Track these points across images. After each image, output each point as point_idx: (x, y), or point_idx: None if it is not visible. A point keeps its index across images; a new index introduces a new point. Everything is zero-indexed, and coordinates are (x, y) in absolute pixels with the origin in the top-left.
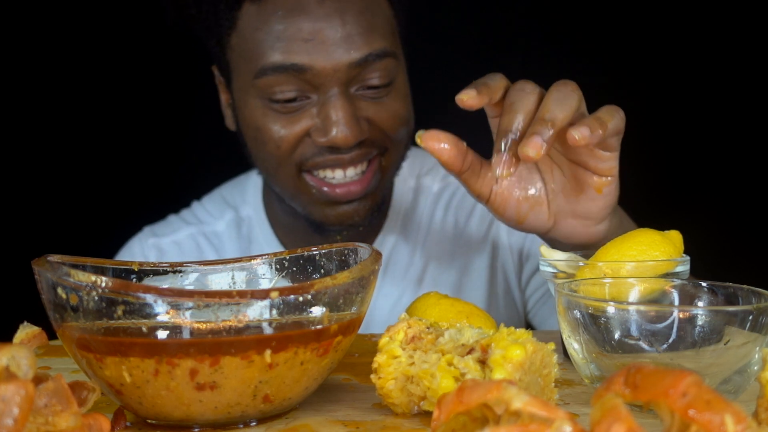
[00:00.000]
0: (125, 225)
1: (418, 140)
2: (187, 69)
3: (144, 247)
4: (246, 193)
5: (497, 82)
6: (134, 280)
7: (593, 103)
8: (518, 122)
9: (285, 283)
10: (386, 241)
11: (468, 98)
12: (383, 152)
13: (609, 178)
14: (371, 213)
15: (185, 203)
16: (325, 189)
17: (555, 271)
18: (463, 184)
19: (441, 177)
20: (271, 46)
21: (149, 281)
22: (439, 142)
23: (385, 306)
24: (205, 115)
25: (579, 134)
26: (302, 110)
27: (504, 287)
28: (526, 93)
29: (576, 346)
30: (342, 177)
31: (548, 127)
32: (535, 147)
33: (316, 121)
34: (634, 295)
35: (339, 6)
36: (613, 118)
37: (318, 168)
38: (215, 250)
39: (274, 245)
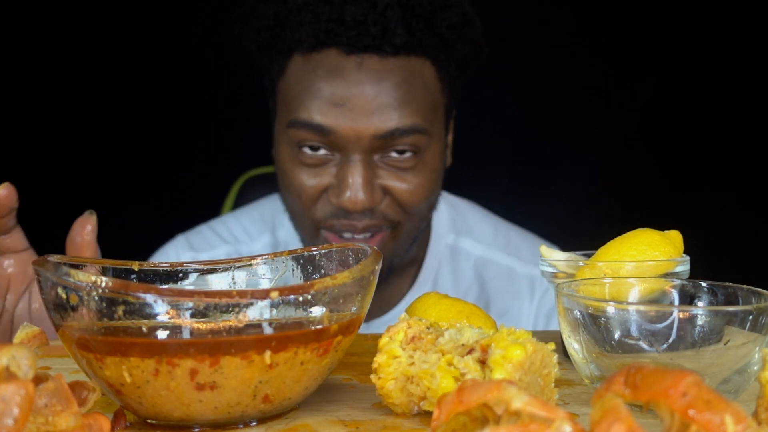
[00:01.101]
0: (132, 227)
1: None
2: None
3: (181, 258)
4: (283, 215)
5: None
6: (134, 280)
7: (594, 103)
8: None
9: (292, 278)
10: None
11: None
12: (395, 226)
13: None
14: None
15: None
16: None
17: (555, 271)
18: None
19: (489, 243)
20: (305, 102)
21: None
22: None
23: None
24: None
25: None
26: (325, 166)
27: None
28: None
29: (576, 346)
30: (351, 237)
31: None
32: None
33: (334, 181)
34: (634, 295)
35: (376, 75)
36: None
37: (332, 229)
38: None
39: None
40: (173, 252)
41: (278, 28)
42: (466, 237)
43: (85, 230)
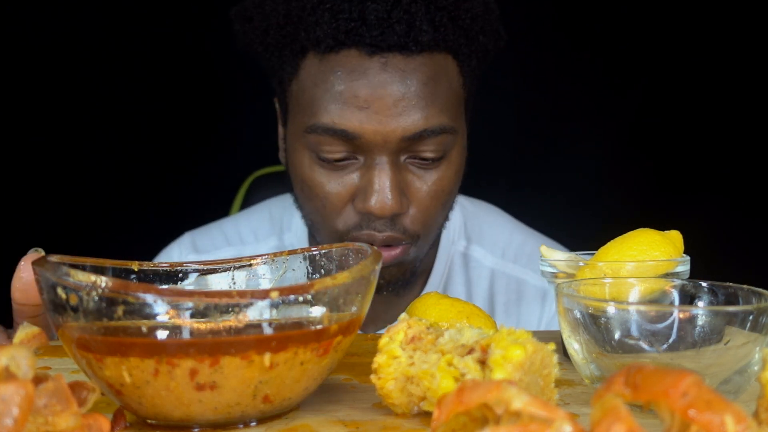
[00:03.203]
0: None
1: None
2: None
3: (183, 259)
4: (293, 218)
5: None
6: (134, 280)
7: (594, 104)
8: None
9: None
10: None
11: None
12: (415, 241)
13: None
14: (398, 281)
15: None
16: None
17: (555, 271)
18: None
19: (500, 254)
20: (326, 106)
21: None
22: None
23: None
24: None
25: None
26: (348, 170)
27: None
28: None
29: (576, 346)
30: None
31: None
32: None
33: (359, 186)
34: (634, 295)
35: (401, 75)
36: None
37: (354, 241)
38: None
39: None
40: (177, 253)
41: (290, 26)
42: (477, 245)
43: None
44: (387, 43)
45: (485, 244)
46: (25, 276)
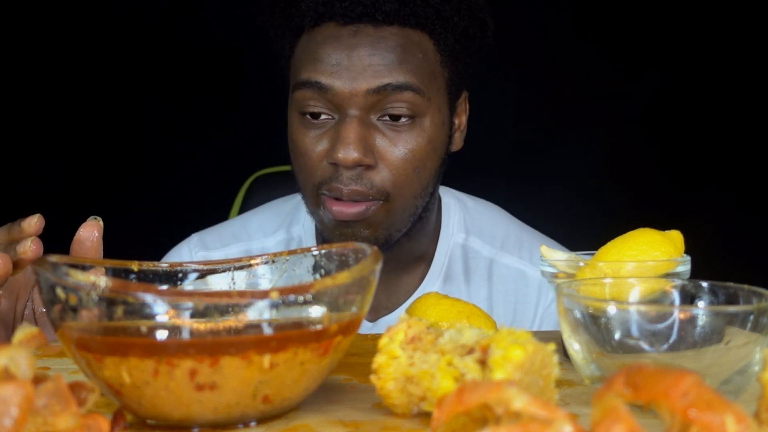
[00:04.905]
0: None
1: None
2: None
3: (193, 257)
4: (300, 212)
5: None
6: (134, 280)
7: (594, 103)
8: None
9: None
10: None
11: None
12: (386, 199)
13: None
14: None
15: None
16: (331, 207)
17: (555, 271)
18: None
19: (498, 246)
20: (305, 66)
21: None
22: None
23: None
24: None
25: None
26: (325, 127)
27: None
28: None
29: (576, 346)
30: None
31: None
32: None
33: (332, 139)
34: (634, 296)
35: (370, 39)
36: None
37: (328, 193)
38: None
39: None
40: (186, 251)
41: (289, 8)
42: (476, 237)
43: (92, 235)
44: (356, 13)
45: (484, 237)
46: (82, 233)
